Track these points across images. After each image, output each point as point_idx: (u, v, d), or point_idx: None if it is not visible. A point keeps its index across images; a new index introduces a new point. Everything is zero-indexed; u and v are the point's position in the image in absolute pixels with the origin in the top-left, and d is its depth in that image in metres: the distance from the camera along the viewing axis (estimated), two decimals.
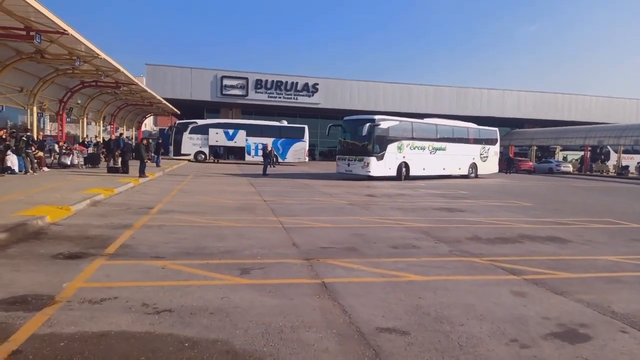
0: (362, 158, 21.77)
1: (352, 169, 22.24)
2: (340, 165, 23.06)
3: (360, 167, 21.82)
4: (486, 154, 28.98)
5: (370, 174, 21.63)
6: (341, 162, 23.05)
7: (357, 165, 21.95)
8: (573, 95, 56.98)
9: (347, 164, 22.50)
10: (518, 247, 7.36)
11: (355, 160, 22.07)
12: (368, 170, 21.60)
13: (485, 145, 28.91)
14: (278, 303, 4.37)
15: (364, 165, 21.67)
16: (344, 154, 23.01)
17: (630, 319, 4.17)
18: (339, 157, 23.43)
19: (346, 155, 22.68)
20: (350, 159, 22.31)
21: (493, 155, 29.70)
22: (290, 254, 6.37)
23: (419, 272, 5.62)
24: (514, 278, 5.48)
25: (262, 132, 38.43)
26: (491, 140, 29.78)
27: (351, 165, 22.25)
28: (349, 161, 22.38)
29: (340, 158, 23.20)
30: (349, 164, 22.35)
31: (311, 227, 8.60)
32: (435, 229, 8.75)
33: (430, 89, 52.43)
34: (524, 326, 3.97)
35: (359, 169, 21.91)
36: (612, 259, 6.61)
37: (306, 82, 50.38)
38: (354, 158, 22.13)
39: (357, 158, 22.00)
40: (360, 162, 21.82)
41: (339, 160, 23.27)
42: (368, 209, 11.59)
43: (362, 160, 21.75)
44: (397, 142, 22.78)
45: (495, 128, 30.76)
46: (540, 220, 10.38)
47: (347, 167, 22.51)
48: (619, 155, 42.32)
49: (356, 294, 4.71)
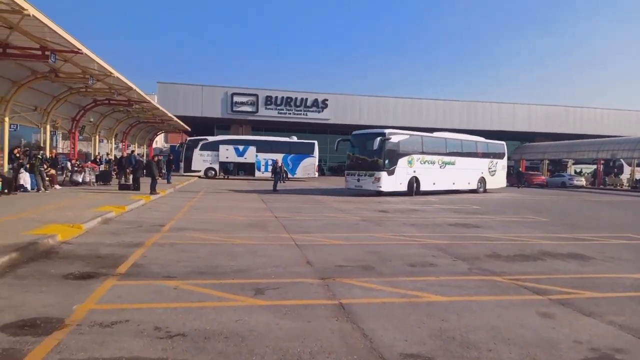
0: (373, 173, 21.17)
1: (362, 184, 21.62)
2: (350, 180, 22.42)
3: (370, 183, 21.22)
4: (494, 168, 28.59)
5: (381, 189, 21.06)
6: (350, 178, 22.40)
7: (367, 180, 21.35)
8: (585, 108, 56.52)
9: (356, 179, 21.87)
10: (539, 264, 7.11)
11: (365, 176, 21.45)
12: (379, 185, 21.02)
13: (493, 159, 28.57)
14: (295, 326, 4.19)
15: (375, 181, 21.07)
16: (353, 169, 22.36)
17: None
18: (348, 173, 22.78)
19: (356, 171, 22.04)
20: (360, 174, 21.68)
21: (501, 169, 29.30)
22: (305, 273, 6.20)
23: (440, 292, 5.41)
24: (539, 298, 5.26)
25: (272, 148, 38.49)
26: (499, 154, 29.45)
27: (361, 180, 21.60)
28: (359, 176, 21.73)
29: (350, 173, 22.56)
30: (359, 179, 21.71)
31: (324, 245, 8.43)
32: (452, 246, 8.53)
33: (440, 104, 52.35)
34: (556, 351, 3.75)
35: (370, 184, 21.31)
36: (638, 277, 6.34)
37: (316, 97, 50.61)
38: (364, 173, 21.52)
39: (368, 173, 21.39)
40: (370, 177, 21.23)
41: (348, 176, 22.61)
42: (381, 225, 11.39)
43: (373, 176, 21.15)
44: (407, 157, 22.24)
45: (502, 142, 30.44)
46: (559, 236, 10.11)
47: (356, 183, 21.88)
48: (632, 169, 41.64)
49: (376, 315, 4.53)
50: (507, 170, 30.98)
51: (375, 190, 21.16)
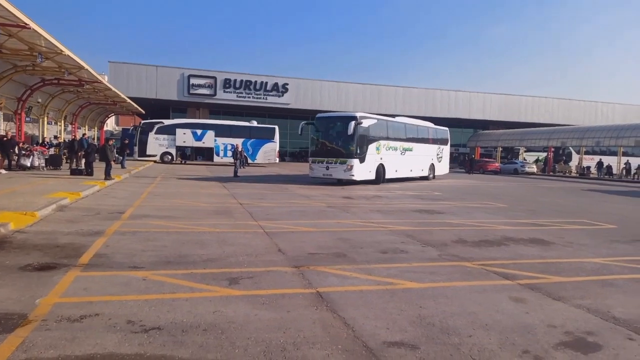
0: (345, 160, 19.44)
1: (331, 173, 19.83)
2: (316, 168, 20.32)
3: (342, 171, 19.50)
4: (441, 154, 28.34)
5: (354, 177, 19.51)
6: (317, 166, 20.27)
7: (338, 168, 19.59)
8: (536, 97, 58.86)
9: (325, 167, 19.92)
10: (504, 250, 7.33)
11: (336, 163, 19.63)
12: (352, 174, 19.40)
13: (440, 146, 28.25)
14: (275, 316, 4.10)
15: (347, 169, 19.39)
16: (320, 155, 20.23)
17: (633, 325, 4.13)
18: (313, 160, 20.53)
19: (324, 158, 20.00)
20: (330, 162, 19.78)
21: (446, 156, 29.19)
22: (278, 261, 6.10)
23: (414, 278, 5.46)
24: (509, 283, 5.40)
25: (232, 133, 37.79)
26: (445, 140, 29.25)
27: (331, 168, 19.76)
28: (328, 164, 19.82)
29: (316, 160, 20.35)
30: (328, 167, 19.82)
31: (294, 232, 8.33)
32: (419, 232, 8.65)
33: (399, 90, 52.99)
34: (532, 336, 3.85)
35: (341, 173, 19.60)
36: (598, 261, 6.66)
37: (276, 82, 49.96)
38: (335, 160, 19.67)
39: (339, 160, 19.58)
40: (342, 165, 19.48)
41: (315, 163, 20.40)
42: (348, 211, 11.41)
43: (345, 163, 19.41)
44: (376, 143, 20.91)
45: (446, 128, 30.17)
46: (519, 222, 10.48)
47: (325, 171, 19.96)
48: (580, 156, 43.92)
49: (355, 304, 4.50)
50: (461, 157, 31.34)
51: (348, 179, 19.71)
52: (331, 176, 20.00)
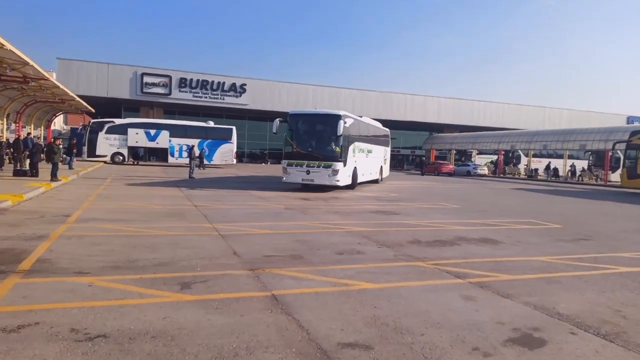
0: (330, 164, 17.09)
1: (313, 178, 17.29)
2: (294, 173, 17.58)
3: (326, 176, 17.11)
4: (387, 156, 27.36)
5: (339, 183, 17.34)
6: (295, 170, 17.53)
7: (321, 173, 17.15)
8: (488, 102, 61.10)
9: (305, 172, 17.31)
10: (457, 249, 7.53)
11: (319, 167, 17.16)
12: (337, 179, 17.14)
13: (386, 147, 27.12)
14: (228, 321, 4.01)
15: (332, 174, 17.06)
16: (298, 158, 17.49)
17: (575, 320, 4.32)
18: (289, 163, 17.68)
19: (303, 161, 17.33)
20: (312, 166, 17.22)
21: (389, 157, 28.26)
22: (233, 265, 5.98)
23: (369, 279, 5.50)
24: (461, 282, 5.54)
25: (187, 133, 37.00)
26: (389, 141, 28.27)
27: (312, 173, 17.21)
28: (309, 168, 17.22)
29: (294, 164, 17.57)
30: (309, 172, 17.24)
31: (250, 234, 8.22)
32: (376, 233, 8.75)
33: (357, 93, 53.57)
34: (482, 333, 3.95)
35: (325, 178, 17.18)
36: (544, 259, 6.94)
37: (233, 82, 49.36)
38: (317, 164, 17.21)
39: (323, 164, 17.18)
40: (326, 170, 17.08)
41: (291, 167, 17.61)
42: (306, 213, 11.39)
43: (330, 167, 17.05)
44: (353, 144, 18.87)
45: (388, 129, 28.93)
46: (470, 222, 10.81)
47: (305, 176, 17.37)
48: (529, 159, 45.93)
49: (310, 306, 4.47)
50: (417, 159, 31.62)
51: (333, 185, 17.45)
52: (312, 182, 17.47)
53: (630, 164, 25.22)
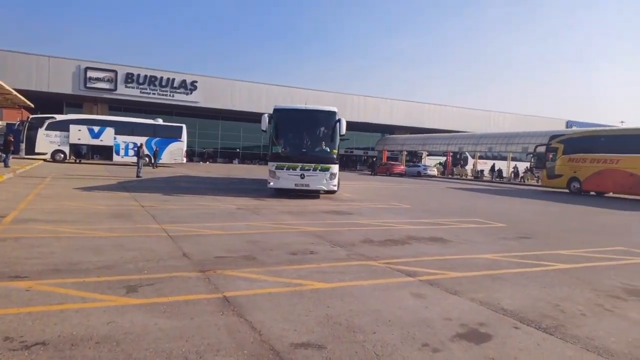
0: (328, 167, 15.21)
1: (308, 183, 15.21)
2: (284, 177, 15.18)
3: (324, 180, 15.23)
4: None
5: (336, 188, 15.75)
6: (286, 173, 15.16)
7: (318, 177, 15.17)
8: (438, 105, 63.10)
9: (299, 176, 15.07)
10: (407, 248, 7.68)
11: (315, 170, 15.14)
12: (333, 183, 15.42)
13: None
14: (177, 324, 3.88)
15: (330, 177, 15.25)
16: (291, 160, 15.25)
17: (519, 315, 4.51)
18: (279, 165, 15.19)
19: (297, 163, 15.13)
20: (307, 169, 15.10)
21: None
22: (182, 266, 5.81)
23: (322, 279, 5.50)
24: (411, 280, 5.66)
25: (134, 131, 35.74)
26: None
27: (308, 177, 15.11)
28: (304, 171, 15.07)
29: (284, 167, 15.17)
30: (304, 176, 15.07)
31: (200, 235, 8.02)
32: (329, 233, 8.78)
33: (311, 93, 53.69)
34: (431, 329, 4.05)
35: (322, 183, 15.27)
36: (489, 257, 7.22)
37: (184, 78, 48.23)
38: (313, 167, 15.15)
39: (320, 167, 15.18)
40: (323, 173, 15.17)
41: (282, 170, 15.16)
42: (259, 213, 11.27)
43: (328, 170, 15.19)
44: None
45: None
46: (421, 221, 11.08)
47: (299, 181, 15.14)
48: (475, 161, 47.86)
49: (262, 307, 4.41)
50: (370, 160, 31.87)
51: (330, 190, 15.75)
52: (308, 187, 15.36)
53: (550, 166, 27.11)
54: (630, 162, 22.54)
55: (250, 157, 58.25)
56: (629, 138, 24.09)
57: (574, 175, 25.43)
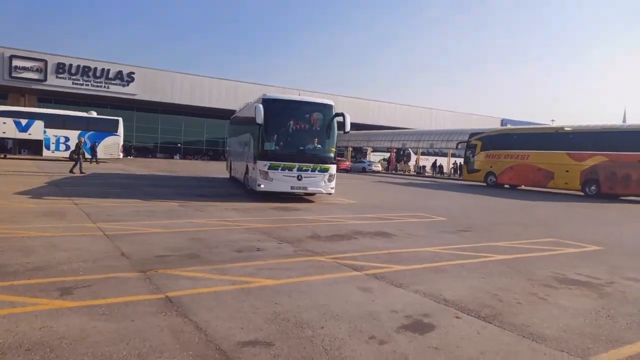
0: (327, 167, 13.78)
1: (306, 185, 13.64)
2: (279, 179, 13.34)
3: (322, 183, 13.78)
4: None
5: (334, 191, 14.28)
6: (281, 174, 13.33)
7: (316, 178, 13.66)
8: (382, 102, 64.43)
9: (296, 177, 13.39)
10: (354, 243, 7.78)
11: (314, 171, 13.58)
12: (332, 186, 14.01)
13: None
14: (116, 327, 3.69)
15: (329, 179, 13.86)
16: (285, 159, 13.36)
17: (460, 305, 4.69)
18: (273, 166, 13.26)
19: (293, 163, 13.34)
20: (305, 169, 13.45)
21: None
22: (121, 267, 5.54)
23: (269, 275, 5.45)
24: (358, 274, 5.73)
25: (65, 124, 33.69)
26: None
27: (305, 178, 13.50)
28: (301, 172, 13.41)
29: (279, 167, 13.30)
30: (301, 177, 13.43)
31: (140, 233, 7.69)
32: (275, 229, 8.71)
33: (257, 88, 52.94)
34: (378, 321, 4.12)
35: (320, 185, 13.79)
36: (432, 250, 7.47)
37: (120, 69, 46.06)
38: (312, 167, 13.54)
39: (319, 167, 13.65)
40: (322, 174, 13.71)
41: (276, 171, 13.28)
42: (202, 210, 10.97)
43: (327, 171, 13.77)
44: None
45: None
46: (367, 217, 11.27)
47: (296, 183, 13.45)
48: (417, 157, 49.39)
49: (208, 306, 4.29)
50: None
51: (328, 193, 14.23)
52: (305, 189, 13.89)
53: (470, 161, 29.55)
54: (538, 157, 25.09)
55: (193, 152, 56.74)
56: (537, 136, 26.94)
57: (490, 170, 27.86)
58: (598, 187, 22.29)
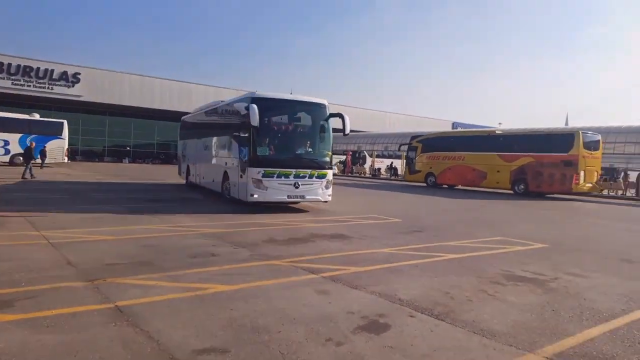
0: (325, 173, 12.68)
1: (304, 194, 12.39)
2: (274, 187, 12.00)
3: (320, 190, 12.62)
4: None
5: (330, 199, 13.14)
6: (276, 182, 11.99)
7: (314, 185, 12.49)
8: (335, 105, 64.70)
9: (292, 185, 12.12)
10: (310, 246, 7.80)
11: (311, 178, 12.39)
12: (329, 194, 12.93)
13: None
14: (63, 340, 3.52)
15: (327, 185, 12.77)
16: (280, 165, 12.11)
17: (414, 304, 4.81)
18: (268, 173, 11.88)
19: (290, 170, 12.08)
20: (302, 176, 12.22)
21: None
22: (67, 276, 5.29)
23: (225, 281, 5.36)
24: (314, 277, 5.75)
25: (4, 126, 31.78)
26: None
27: (303, 186, 12.25)
28: (298, 179, 12.17)
29: (274, 174, 11.95)
30: (298, 185, 12.17)
31: (88, 241, 7.37)
32: (231, 234, 8.59)
33: (211, 90, 52.13)
34: (334, 323, 4.14)
35: (318, 193, 12.62)
36: (387, 251, 7.60)
37: (65, 70, 44.01)
38: (309, 174, 12.34)
39: (317, 173, 12.50)
40: (319, 180, 12.56)
41: (270, 178, 11.91)
42: (155, 215, 10.65)
43: (324, 177, 12.67)
44: None
45: None
46: (323, 219, 11.32)
47: (293, 191, 12.19)
48: (372, 159, 50.14)
49: (160, 314, 4.17)
50: None
51: (325, 201, 13.10)
52: (303, 198, 12.58)
53: (411, 162, 31.10)
54: (473, 159, 26.76)
55: (143, 155, 54.98)
56: (472, 139, 29.07)
57: (430, 171, 29.29)
58: (526, 185, 23.98)
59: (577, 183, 22.15)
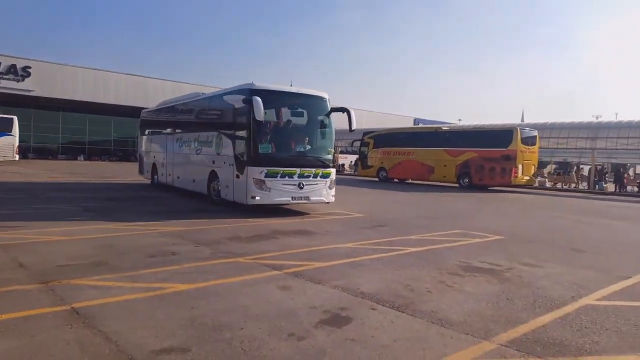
0: (329, 172, 11.91)
1: (308, 194, 11.49)
2: (278, 188, 11.01)
3: (325, 190, 11.82)
4: None
5: (333, 199, 12.28)
6: (280, 183, 11.03)
7: (318, 185, 11.65)
8: None
9: (296, 185, 11.19)
10: (274, 242, 7.77)
11: (315, 177, 11.54)
12: (332, 194, 12.13)
13: None
14: (15, 345, 3.38)
15: (329, 186, 11.96)
16: (283, 164, 11.15)
17: (375, 297, 4.89)
18: (271, 173, 10.89)
19: (294, 169, 11.18)
20: (306, 175, 11.34)
21: None
22: (19, 279, 5.06)
23: (185, 280, 5.27)
24: (277, 273, 5.74)
25: None
26: None
27: (307, 186, 11.37)
28: (302, 179, 11.27)
29: (278, 174, 10.99)
30: (302, 185, 11.26)
31: (40, 242, 7.07)
32: (192, 232, 8.45)
33: (168, 84, 50.71)
34: (297, 318, 4.17)
35: (323, 193, 11.82)
36: (350, 245, 7.68)
37: (13, 63, 41.83)
38: (313, 173, 11.49)
39: (321, 172, 11.69)
40: (324, 180, 11.75)
41: (274, 179, 10.94)
42: (111, 214, 10.31)
43: (328, 177, 11.88)
44: None
45: None
46: (287, 216, 11.28)
47: (297, 192, 11.25)
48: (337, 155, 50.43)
49: (118, 316, 4.07)
50: None
51: (329, 202, 12.26)
52: (308, 199, 11.60)
53: (364, 158, 32.05)
54: (421, 154, 27.97)
55: (100, 152, 53.10)
56: (420, 135, 30.56)
57: (381, 166, 30.31)
58: (470, 179, 25.30)
59: (516, 176, 23.54)
